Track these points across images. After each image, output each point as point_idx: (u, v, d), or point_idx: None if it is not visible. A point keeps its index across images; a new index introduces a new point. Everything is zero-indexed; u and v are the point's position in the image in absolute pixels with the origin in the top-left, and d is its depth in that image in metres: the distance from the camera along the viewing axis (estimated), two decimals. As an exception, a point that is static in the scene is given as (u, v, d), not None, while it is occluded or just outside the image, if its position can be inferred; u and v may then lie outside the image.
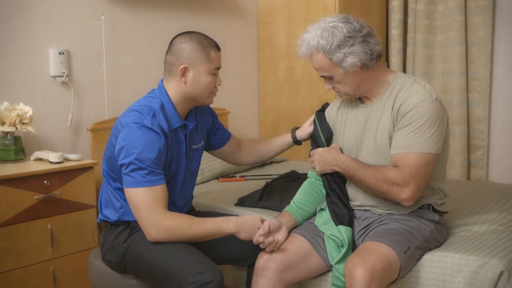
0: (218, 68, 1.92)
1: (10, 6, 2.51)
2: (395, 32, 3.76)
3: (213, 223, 1.80)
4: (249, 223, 1.81)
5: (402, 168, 1.75)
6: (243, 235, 1.81)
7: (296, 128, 2.23)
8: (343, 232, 1.85)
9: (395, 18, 3.75)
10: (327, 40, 1.77)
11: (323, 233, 1.91)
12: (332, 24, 1.79)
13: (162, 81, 1.95)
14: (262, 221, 1.84)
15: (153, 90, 1.95)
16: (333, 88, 1.90)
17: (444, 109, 1.83)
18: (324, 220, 1.94)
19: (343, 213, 1.91)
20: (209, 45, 1.89)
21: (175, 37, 1.93)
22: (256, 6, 3.73)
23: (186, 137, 1.96)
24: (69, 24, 2.72)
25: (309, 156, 2.03)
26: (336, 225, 1.89)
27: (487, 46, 3.53)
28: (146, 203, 1.74)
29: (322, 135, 2.05)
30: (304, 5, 3.51)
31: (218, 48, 1.92)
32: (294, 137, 2.21)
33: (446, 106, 1.90)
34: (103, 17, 2.84)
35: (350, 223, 1.90)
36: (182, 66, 1.86)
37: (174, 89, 1.90)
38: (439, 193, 1.92)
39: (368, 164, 1.86)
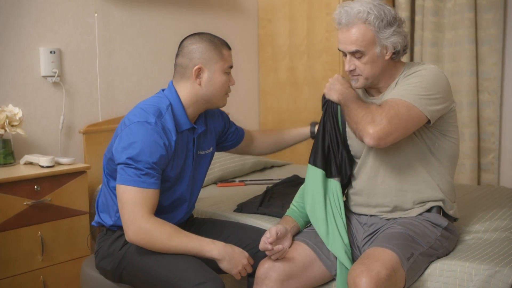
0: (231, 67, 1.96)
1: (-1, 3, 2.52)
2: (402, 30, 3.77)
3: (196, 241, 1.78)
4: (236, 255, 1.78)
5: (384, 104, 1.80)
6: (225, 265, 1.77)
7: (316, 123, 2.28)
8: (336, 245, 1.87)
9: (402, 15, 3.76)
10: (379, 15, 1.84)
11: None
12: (379, 4, 1.87)
13: (172, 82, 1.97)
14: (249, 260, 1.81)
15: (162, 90, 1.97)
16: (351, 71, 1.90)
17: (449, 85, 1.88)
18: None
19: (329, 161, 1.97)
20: (221, 44, 1.93)
21: (184, 39, 1.95)
22: (257, 2, 3.75)
23: (194, 141, 1.97)
24: (61, 22, 2.73)
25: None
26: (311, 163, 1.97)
27: (498, 45, 3.54)
28: (133, 202, 1.76)
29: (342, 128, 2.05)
30: (307, 2, 3.53)
31: (229, 47, 1.96)
32: (313, 133, 2.28)
33: (455, 107, 1.93)
34: (96, 14, 2.85)
35: (338, 174, 1.97)
36: (197, 67, 1.89)
37: (187, 90, 1.92)
38: (446, 185, 1.93)
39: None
